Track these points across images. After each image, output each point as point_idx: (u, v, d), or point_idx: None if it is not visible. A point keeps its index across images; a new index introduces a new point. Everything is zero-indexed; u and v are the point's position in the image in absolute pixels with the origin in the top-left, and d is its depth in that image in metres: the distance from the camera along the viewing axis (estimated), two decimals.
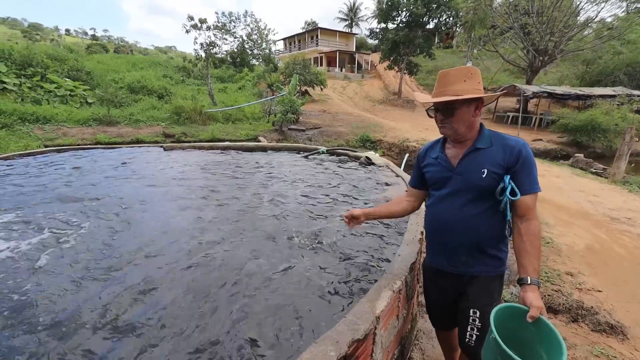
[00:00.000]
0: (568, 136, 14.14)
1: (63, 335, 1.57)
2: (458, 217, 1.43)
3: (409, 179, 3.55)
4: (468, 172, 1.39)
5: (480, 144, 1.39)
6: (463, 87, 1.33)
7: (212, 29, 16.82)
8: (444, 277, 1.57)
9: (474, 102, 1.36)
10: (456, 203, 1.44)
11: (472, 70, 1.37)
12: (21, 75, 12.96)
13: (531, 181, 1.32)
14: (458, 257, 1.47)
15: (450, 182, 1.46)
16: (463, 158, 1.42)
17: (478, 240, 1.42)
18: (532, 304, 1.19)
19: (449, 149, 1.49)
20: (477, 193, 1.38)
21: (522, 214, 1.33)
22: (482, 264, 1.45)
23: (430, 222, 1.60)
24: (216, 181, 4.08)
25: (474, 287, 1.47)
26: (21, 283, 1.96)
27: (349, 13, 48.59)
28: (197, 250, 2.34)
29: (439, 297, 1.66)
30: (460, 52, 30.87)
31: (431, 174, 1.54)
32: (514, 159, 1.31)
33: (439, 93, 1.38)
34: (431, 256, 1.64)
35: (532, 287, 1.23)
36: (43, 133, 9.89)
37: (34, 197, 3.41)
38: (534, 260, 1.28)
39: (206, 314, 1.70)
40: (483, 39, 19.53)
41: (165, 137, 11.39)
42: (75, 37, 78.93)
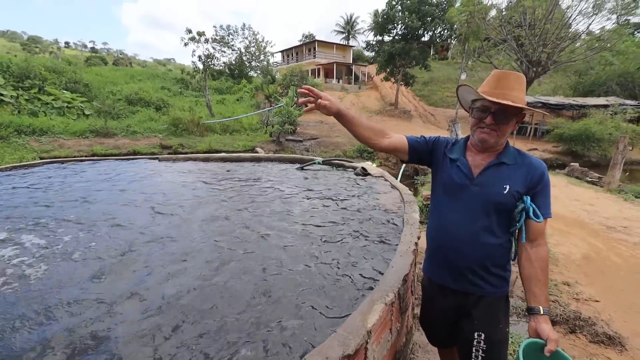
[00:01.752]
0: (563, 145, 14.29)
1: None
2: (468, 232, 1.33)
3: (403, 189, 3.56)
4: (488, 185, 1.30)
5: (506, 159, 1.31)
6: (521, 95, 1.24)
7: (211, 42, 17.06)
8: (447, 294, 1.47)
9: (520, 113, 1.28)
10: (466, 216, 1.34)
11: (520, 78, 1.26)
12: (19, 87, 13.03)
13: (547, 205, 1.27)
14: (463, 273, 1.38)
15: (465, 192, 1.35)
16: (486, 170, 1.32)
17: (485, 258, 1.33)
18: (550, 337, 1.13)
19: (471, 156, 1.38)
20: (492, 209, 1.29)
21: (533, 238, 1.26)
22: (488, 284, 1.36)
23: (436, 233, 1.49)
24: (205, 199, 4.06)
25: (480, 309, 1.38)
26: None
27: (345, 26, 49.48)
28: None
29: (438, 315, 1.56)
30: (456, 63, 31.34)
31: (448, 176, 1.41)
32: (537, 180, 1.26)
33: (501, 95, 1.22)
34: (433, 271, 1.54)
35: (545, 318, 1.18)
36: (39, 145, 9.88)
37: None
38: (544, 288, 1.23)
39: (196, 330, 1.66)
40: (477, 51, 19.86)
41: (162, 148, 11.40)
42: (75, 50, 79.69)
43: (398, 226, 2.82)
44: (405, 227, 2.42)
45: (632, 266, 3.68)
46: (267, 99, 19.23)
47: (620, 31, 15.27)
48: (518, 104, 1.21)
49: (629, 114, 15.25)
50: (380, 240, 2.60)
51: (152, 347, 1.51)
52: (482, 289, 1.37)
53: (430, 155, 1.52)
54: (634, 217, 5.35)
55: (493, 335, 1.38)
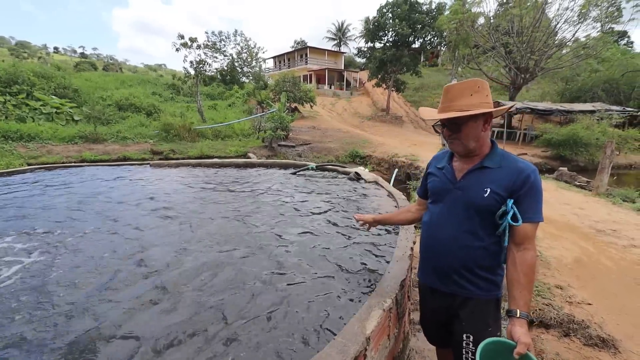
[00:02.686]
0: (552, 150, 14.53)
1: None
2: (451, 235, 1.38)
3: (397, 194, 3.57)
4: (469, 188, 1.34)
5: (489, 163, 1.34)
6: (469, 101, 1.29)
7: (202, 48, 17.02)
8: (436, 296, 1.52)
9: (482, 116, 1.30)
10: (450, 220, 1.40)
11: (479, 84, 1.31)
12: (6, 92, 12.78)
13: (535, 209, 1.26)
14: (449, 276, 1.42)
15: (449, 196, 1.41)
16: (467, 174, 1.37)
17: (471, 261, 1.36)
18: (520, 340, 1.14)
19: (457, 162, 1.44)
20: (474, 211, 1.33)
21: (519, 242, 1.27)
22: (474, 286, 1.38)
23: (424, 238, 1.55)
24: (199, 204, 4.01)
25: (466, 310, 1.41)
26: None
27: (337, 33, 49.98)
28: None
29: (432, 316, 1.62)
30: (445, 70, 31.86)
31: (433, 183, 1.50)
32: (521, 183, 1.25)
33: (445, 108, 1.33)
34: (423, 273, 1.59)
35: (521, 322, 1.19)
36: (27, 151, 9.67)
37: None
38: (526, 293, 1.22)
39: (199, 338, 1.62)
40: (467, 58, 20.21)
41: (153, 154, 11.26)
42: (64, 55, 78.75)
43: (392, 231, 2.81)
44: (400, 231, 2.42)
45: (622, 269, 3.74)
46: (259, 104, 19.23)
47: (605, 39, 15.71)
48: (460, 112, 1.28)
49: (615, 119, 15.64)
50: (375, 245, 2.59)
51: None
52: (468, 290, 1.39)
53: (428, 179, 1.61)
54: (623, 220, 5.45)
55: (481, 337, 1.36)
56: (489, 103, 1.30)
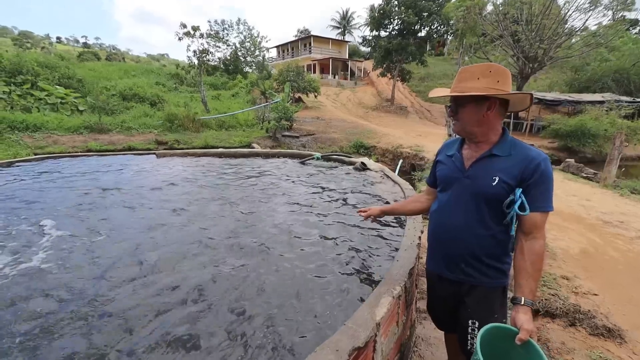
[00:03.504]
0: (559, 141, 14.36)
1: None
2: (459, 224, 1.38)
3: (404, 184, 3.56)
4: (478, 177, 1.33)
5: (498, 151, 1.32)
6: (474, 84, 1.27)
7: (205, 37, 16.85)
8: (443, 283, 1.53)
9: (485, 100, 1.27)
10: (459, 208, 1.39)
11: (492, 68, 1.28)
12: (11, 83, 12.79)
13: (544, 198, 1.24)
14: (457, 264, 1.43)
15: (457, 185, 1.40)
16: (476, 162, 1.35)
17: (478, 249, 1.36)
18: (523, 327, 1.15)
19: (466, 150, 1.43)
20: (482, 200, 1.32)
21: (528, 231, 1.26)
22: (481, 274, 1.39)
23: (432, 227, 1.55)
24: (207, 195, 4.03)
25: (472, 297, 1.42)
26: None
27: (341, 21, 49.18)
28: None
29: (440, 303, 1.63)
30: (452, 59, 31.41)
31: (441, 171, 1.50)
32: (531, 172, 1.23)
33: (452, 90, 1.33)
34: (431, 261, 1.60)
35: (525, 309, 1.20)
36: (33, 141, 9.73)
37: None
38: (532, 281, 1.23)
39: (204, 319, 1.65)
40: (474, 47, 19.87)
41: (157, 144, 11.29)
42: (67, 45, 78.50)
43: (400, 220, 2.82)
44: (408, 221, 2.42)
45: (629, 260, 3.72)
46: (262, 94, 19.11)
47: (617, 27, 15.34)
48: (460, 92, 1.28)
49: (624, 110, 15.37)
50: (383, 234, 2.60)
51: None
52: (474, 278, 1.40)
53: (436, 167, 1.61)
54: (630, 212, 5.40)
55: (487, 323, 1.38)
56: (495, 89, 1.26)
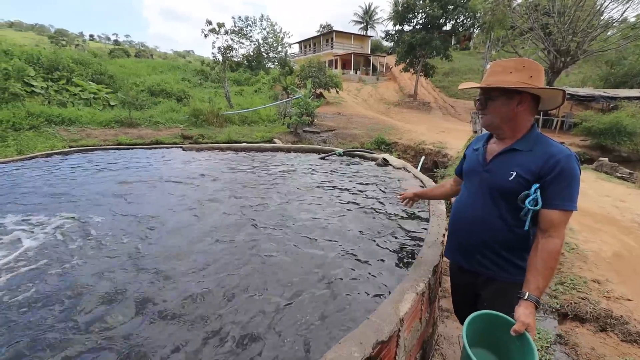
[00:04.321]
0: (592, 139, 13.69)
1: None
2: (477, 216, 1.41)
3: (427, 180, 3.52)
4: (496, 171, 1.36)
5: (519, 146, 1.32)
6: (505, 78, 1.27)
7: (230, 33, 17.11)
8: (461, 273, 1.58)
9: (516, 95, 1.27)
10: (478, 201, 1.42)
11: (525, 63, 1.27)
12: (48, 78, 13.51)
13: (563, 196, 1.21)
14: (472, 254, 1.46)
15: (477, 178, 1.44)
16: (497, 156, 1.38)
17: (495, 242, 1.37)
18: (519, 319, 1.15)
19: (492, 144, 1.45)
20: (499, 194, 1.34)
21: (544, 228, 1.24)
22: (498, 268, 1.39)
23: (452, 216, 1.59)
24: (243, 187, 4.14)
25: (488, 290, 1.44)
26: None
27: (364, 16, 48.54)
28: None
29: (460, 293, 1.68)
30: (478, 53, 30.33)
31: (466, 164, 1.55)
32: (549, 168, 1.21)
33: (483, 82, 1.35)
34: (449, 249, 1.63)
35: (527, 304, 1.19)
36: (68, 134, 10.26)
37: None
38: (540, 279, 1.21)
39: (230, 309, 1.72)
40: (502, 40, 19.10)
41: (183, 138, 11.63)
42: (99, 43, 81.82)
43: (423, 218, 2.80)
44: (431, 218, 2.41)
45: None
46: (284, 90, 19.22)
47: None
48: (490, 84, 1.29)
49: None
50: (406, 231, 2.59)
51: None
52: (491, 271, 1.41)
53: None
54: None
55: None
56: (528, 84, 1.24)
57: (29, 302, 1.82)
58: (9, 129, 9.41)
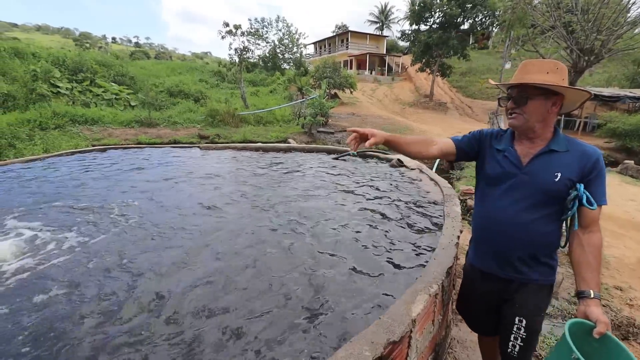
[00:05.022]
0: (616, 141, 13.18)
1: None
2: (515, 220, 1.36)
3: (442, 182, 3.48)
4: (538, 173, 1.31)
5: (556, 146, 1.31)
6: (544, 78, 1.26)
7: (246, 35, 17.34)
8: (489, 281, 1.50)
9: (552, 96, 1.27)
10: (515, 205, 1.36)
11: (558, 65, 1.28)
12: (73, 80, 14.04)
13: (601, 193, 1.26)
14: (510, 261, 1.40)
15: (513, 181, 1.37)
16: (535, 158, 1.34)
17: (534, 246, 1.35)
18: (600, 320, 1.12)
19: (519, 145, 1.40)
20: (542, 197, 1.31)
21: (586, 225, 1.27)
22: (534, 272, 1.38)
23: (481, 221, 1.52)
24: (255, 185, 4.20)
25: (522, 294, 1.41)
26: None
27: (379, 15, 48.23)
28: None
29: (481, 301, 1.60)
30: (497, 52, 29.65)
31: (493, 167, 1.45)
32: (590, 167, 1.25)
33: (518, 79, 1.32)
34: (477, 257, 1.56)
35: (596, 302, 1.17)
36: (91, 133, 10.65)
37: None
38: (597, 274, 1.22)
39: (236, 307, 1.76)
40: (522, 39, 18.62)
41: (200, 138, 11.87)
42: (121, 45, 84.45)
43: (438, 219, 2.77)
44: (446, 219, 2.38)
45: None
46: (299, 90, 19.33)
47: None
48: (536, 82, 1.24)
49: None
50: (419, 231, 2.57)
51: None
52: (526, 276, 1.39)
53: (476, 150, 1.55)
54: None
55: (533, 323, 1.41)
56: (562, 85, 1.27)
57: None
58: (36, 128, 9.84)
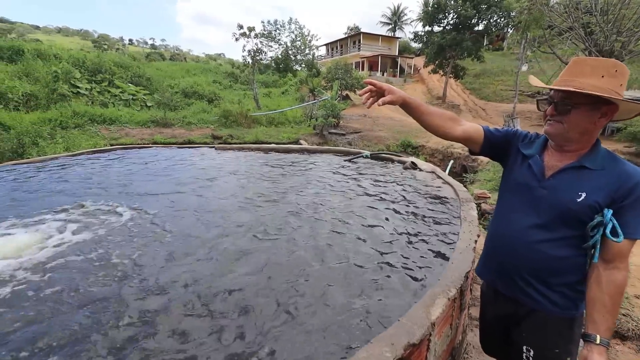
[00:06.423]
0: (637, 146, 12.80)
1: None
2: (523, 237, 1.21)
3: (457, 185, 3.46)
4: (559, 190, 1.14)
5: (589, 163, 1.12)
6: (597, 83, 1.04)
7: (259, 37, 17.55)
8: (499, 299, 1.39)
9: (603, 106, 1.07)
10: (526, 220, 1.22)
11: (618, 67, 1.06)
12: (92, 80, 14.42)
13: (637, 224, 1.06)
14: (513, 279, 1.27)
15: (530, 195, 1.22)
16: (560, 172, 1.16)
17: (545, 270, 1.19)
18: None
19: (549, 155, 1.23)
20: (559, 217, 1.14)
21: (610, 258, 1.07)
22: (544, 299, 1.21)
23: (492, 235, 1.41)
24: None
25: (530, 322, 1.26)
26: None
27: (392, 17, 48.02)
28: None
29: (490, 322, 1.50)
30: (512, 54, 29.17)
31: (514, 173, 1.30)
32: (626, 191, 1.04)
33: (563, 82, 1.11)
34: (485, 269, 1.47)
35: (600, 349, 1.05)
36: (109, 133, 10.92)
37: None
38: (610, 317, 1.07)
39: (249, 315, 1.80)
40: (538, 40, 18.26)
41: (213, 138, 12.03)
42: (137, 47, 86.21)
43: (454, 223, 2.76)
44: (463, 224, 2.38)
45: None
46: (311, 92, 19.42)
47: None
48: (581, 89, 1.04)
49: None
50: (435, 235, 2.57)
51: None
52: (536, 302, 1.23)
53: (505, 149, 1.37)
54: None
55: (545, 355, 1.26)
56: (619, 94, 1.05)
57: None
58: (57, 127, 10.15)
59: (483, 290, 1.54)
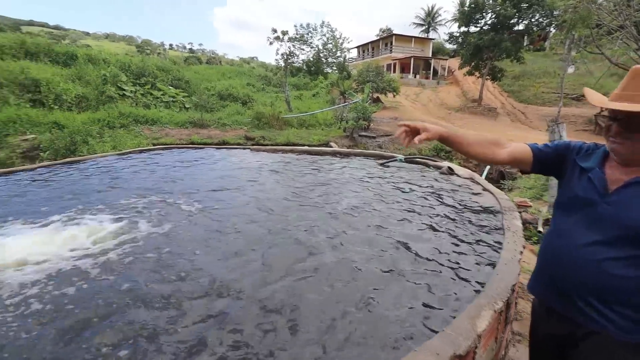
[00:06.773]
0: None
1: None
2: (585, 255, 1.13)
3: (498, 192, 3.33)
4: (626, 206, 1.06)
5: None
6: None
7: (292, 40, 17.86)
8: (553, 318, 1.27)
9: None
10: (587, 237, 1.14)
11: None
12: (136, 83, 15.35)
13: None
14: (572, 300, 1.16)
15: (592, 210, 1.14)
16: (626, 187, 1.08)
17: (611, 291, 1.09)
18: None
19: (611, 168, 1.16)
20: (626, 235, 1.05)
21: None
22: (606, 321, 1.10)
23: (546, 250, 1.33)
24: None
25: (589, 345, 1.14)
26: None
27: (426, 18, 47.04)
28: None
29: (542, 342, 1.37)
30: (555, 54, 27.54)
31: (573, 187, 1.23)
32: None
33: (629, 97, 1.03)
34: (539, 288, 1.35)
35: None
36: (150, 133, 11.55)
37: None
38: None
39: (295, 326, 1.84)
40: (584, 40, 17.13)
41: (246, 139, 12.37)
42: (177, 51, 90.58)
43: (496, 232, 2.67)
44: (507, 233, 2.30)
45: None
46: (341, 94, 19.45)
47: None
48: None
49: None
50: (481, 248, 2.49)
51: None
52: (597, 323, 1.12)
53: (558, 164, 1.31)
54: None
55: None
56: None
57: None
58: (105, 126, 10.89)
59: (535, 307, 1.43)
